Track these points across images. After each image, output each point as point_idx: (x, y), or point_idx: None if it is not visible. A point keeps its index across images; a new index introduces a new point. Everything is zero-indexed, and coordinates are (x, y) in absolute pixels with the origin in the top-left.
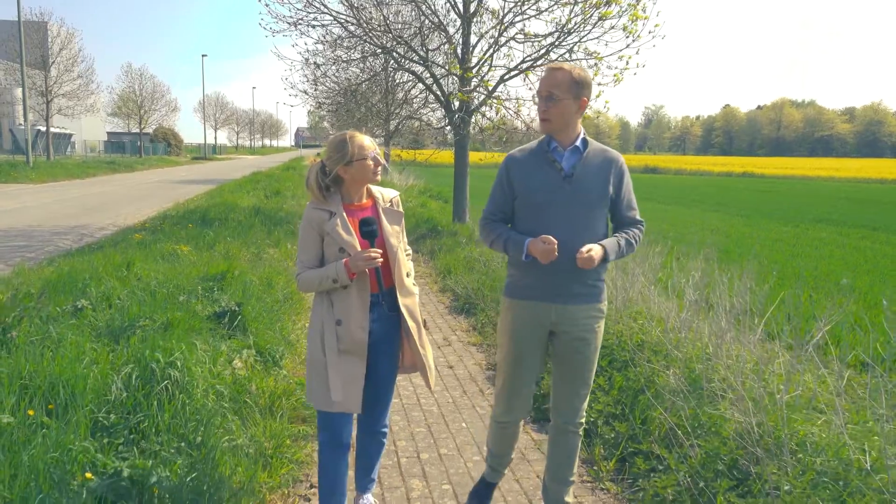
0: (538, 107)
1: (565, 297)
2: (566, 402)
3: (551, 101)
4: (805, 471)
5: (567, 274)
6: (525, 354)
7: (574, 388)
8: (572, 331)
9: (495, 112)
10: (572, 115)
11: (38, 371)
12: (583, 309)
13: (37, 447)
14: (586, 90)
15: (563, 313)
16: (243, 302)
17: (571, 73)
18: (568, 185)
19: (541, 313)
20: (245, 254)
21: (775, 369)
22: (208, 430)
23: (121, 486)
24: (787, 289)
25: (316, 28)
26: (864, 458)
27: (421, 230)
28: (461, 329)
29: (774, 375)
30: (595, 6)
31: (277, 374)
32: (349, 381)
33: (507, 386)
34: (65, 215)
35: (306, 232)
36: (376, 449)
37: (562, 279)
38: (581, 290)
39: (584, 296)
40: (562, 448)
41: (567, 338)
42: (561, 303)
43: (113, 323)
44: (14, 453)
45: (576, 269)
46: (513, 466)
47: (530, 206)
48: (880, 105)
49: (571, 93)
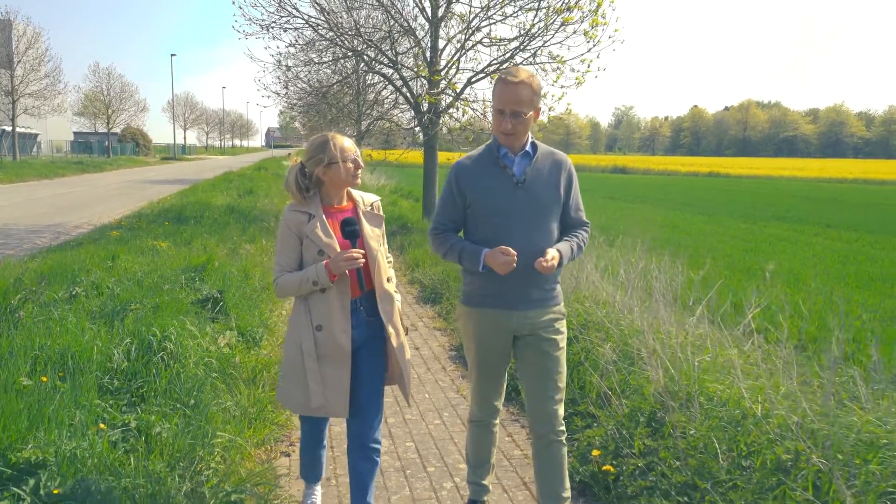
0: (500, 122)
1: (525, 303)
2: (541, 409)
3: (518, 118)
4: (709, 418)
5: (524, 280)
6: (491, 359)
7: (547, 393)
8: (536, 334)
9: (462, 113)
10: (530, 126)
11: (48, 344)
12: (543, 312)
13: (56, 403)
14: (539, 98)
15: (524, 319)
16: (224, 289)
17: (531, 86)
18: (521, 191)
19: (501, 321)
20: (222, 249)
21: (697, 341)
22: (200, 394)
23: (129, 434)
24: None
25: (288, 31)
26: (756, 408)
27: (392, 227)
28: (427, 316)
29: (696, 346)
30: (557, 12)
31: (258, 352)
32: (332, 386)
33: (478, 387)
34: (38, 214)
35: (285, 235)
36: (369, 468)
37: (519, 286)
38: (539, 296)
39: (542, 300)
40: (547, 461)
41: (531, 342)
42: (521, 309)
43: (106, 307)
44: (37, 409)
45: (533, 276)
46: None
47: (483, 213)
48: (842, 107)
49: (533, 105)
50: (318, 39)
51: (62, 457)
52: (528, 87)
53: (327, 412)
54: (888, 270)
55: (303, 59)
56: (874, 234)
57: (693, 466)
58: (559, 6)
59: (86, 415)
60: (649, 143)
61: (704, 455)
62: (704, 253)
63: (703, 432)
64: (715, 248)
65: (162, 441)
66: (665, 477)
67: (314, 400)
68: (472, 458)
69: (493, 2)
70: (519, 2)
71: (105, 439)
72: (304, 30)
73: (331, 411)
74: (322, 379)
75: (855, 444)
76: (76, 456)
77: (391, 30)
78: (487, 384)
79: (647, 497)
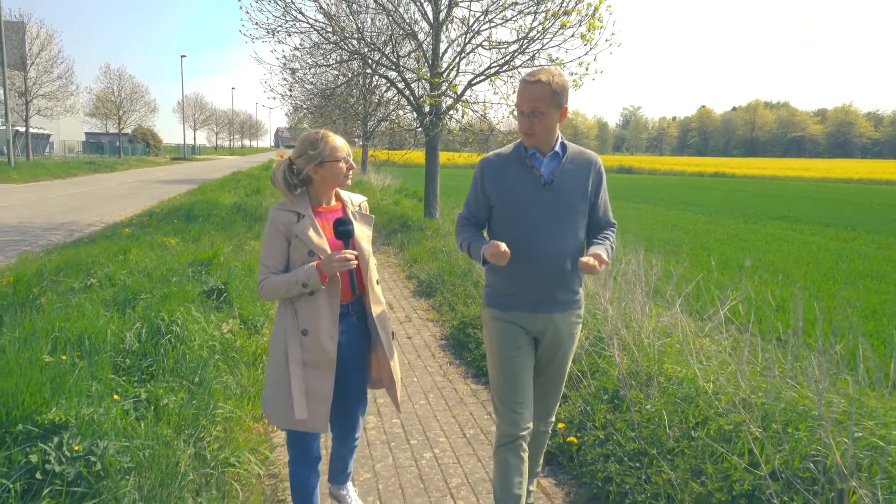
0: (520, 123)
1: (550, 304)
2: (540, 406)
3: (536, 118)
4: (665, 395)
5: (552, 282)
6: (517, 364)
7: (549, 392)
8: (555, 338)
9: (461, 115)
10: (555, 126)
11: (67, 327)
12: (566, 316)
13: (76, 376)
14: (566, 97)
15: (548, 322)
16: (228, 282)
17: (551, 85)
18: (548, 192)
19: (526, 324)
20: (228, 245)
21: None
22: (204, 372)
23: (140, 404)
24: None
25: (293, 35)
26: (708, 386)
27: (393, 225)
28: (422, 309)
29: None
30: (555, 16)
31: (258, 339)
32: (315, 398)
33: (503, 397)
34: (52, 213)
35: (272, 235)
36: (349, 450)
37: (547, 287)
38: (565, 298)
39: (567, 303)
40: (532, 447)
41: (549, 345)
42: (546, 311)
43: (118, 296)
44: (59, 380)
45: (561, 277)
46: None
47: (507, 213)
48: (851, 107)
49: (553, 104)
50: (323, 43)
51: (81, 420)
52: (547, 87)
53: (306, 426)
54: (878, 268)
55: (309, 61)
56: (872, 233)
57: (645, 436)
58: (557, 10)
59: (101, 387)
60: (657, 144)
61: (656, 427)
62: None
63: (658, 407)
64: (711, 247)
65: (169, 411)
66: (620, 445)
67: (298, 412)
68: (500, 494)
69: (494, 6)
70: (518, 6)
71: (119, 407)
72: (310, 34)
73: (309, 424)
74: (306, 389)
75: (790, 416)
76: (93, 420)
77: (392, 33)
78: (514, 392)
79: (603, 462)
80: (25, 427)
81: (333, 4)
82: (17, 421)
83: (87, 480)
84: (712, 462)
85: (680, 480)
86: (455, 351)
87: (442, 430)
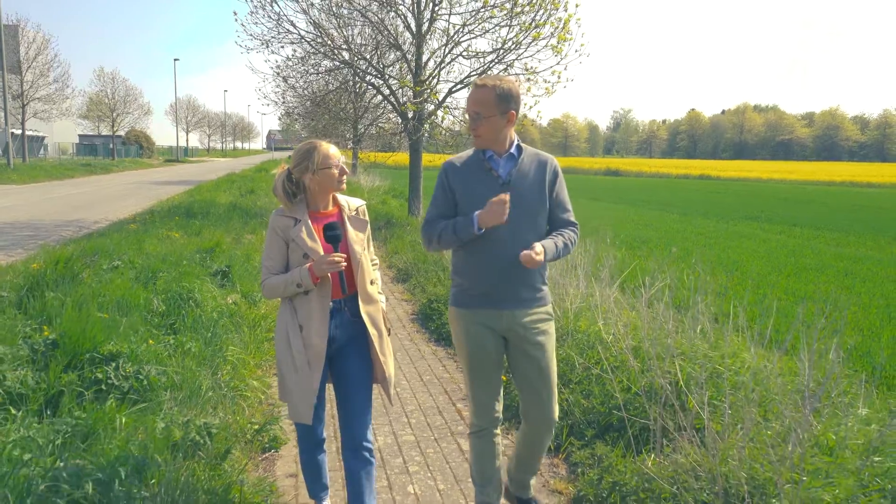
0: (469, 123)
1: (514, 302)
2: (535, 408)
3: (478, 120)
4: (576, 343)
5: (514, 279)
6: (483, 360)
7: (540, 394)
8: (525, 336)
9: (441, 120)
10: (501, 129)
11: (106, 294)
12: (532, 313)
13: (122, 326)
14: (513, 103)
15: (513, 319)
16: (231, 265)
17: (494, 91)
18: (506, 192)
19: (491, 321)
20: (227, 238)
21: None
22: (216, 329)
23: (169, 346)
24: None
25: (285, 46)
26: (608, 337)
27: (379, 223)
28: (398, 291)
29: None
30: (528, 28)
31: (257, 310)
32: (300, 390)
33: (474, 392)
34: (57, 212)
35: (271, 238)
36: (364, 468)
37: (509, 284)
38: (528, 295)
39: (531, 300)
40: (533, 445)
41: (521, 345)
42: (510, 308)
43: (140, 275)
44: (113, 326)
45: (522, 274)
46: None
47: (471, 212)
48: (838, 110)
49: (497, 109)
50: (313, 52)
51: (130, 351)
52: (491, 92)
53: (290, 416)
54: (825, 262)
55: (300, 70)
56: (834, 232)
57: (560, 374)
58: (529, 24)
59: (140, 335)
60: (646, 147)
61: (566, 367)
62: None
63: (567, 351)
64: (676, 243)
65: (192, 353)
66: None
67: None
68: (477, 477)
69: (472, 19)
70: (494, 19)
71: (153, 352)
72: (301, 44)
73: (293, 415)
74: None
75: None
76: (139, 353)
77: (378, 44)
78: (483, 388)
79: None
80: (92, 355)
81: (324, 17)
82: (87, 351)
83: (138, 391)
84: (601, 385)
85: (573, 400)
86: (422, 322)
87: (405, 376)
